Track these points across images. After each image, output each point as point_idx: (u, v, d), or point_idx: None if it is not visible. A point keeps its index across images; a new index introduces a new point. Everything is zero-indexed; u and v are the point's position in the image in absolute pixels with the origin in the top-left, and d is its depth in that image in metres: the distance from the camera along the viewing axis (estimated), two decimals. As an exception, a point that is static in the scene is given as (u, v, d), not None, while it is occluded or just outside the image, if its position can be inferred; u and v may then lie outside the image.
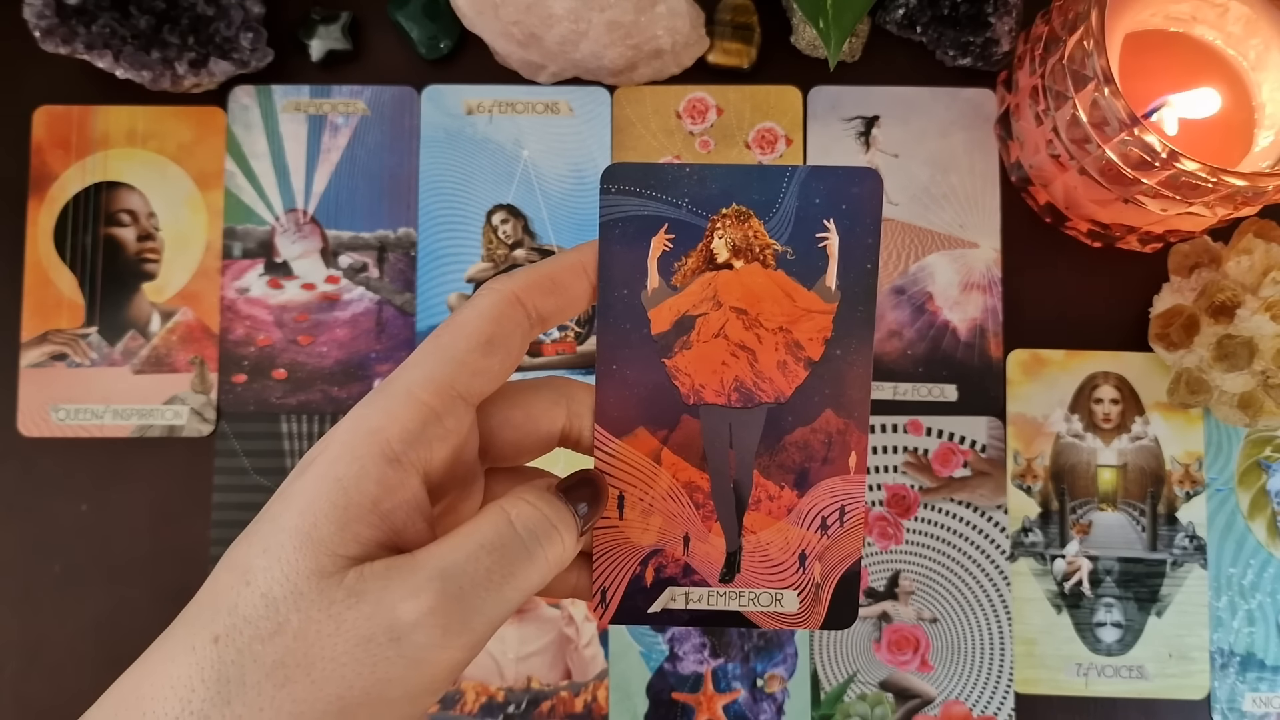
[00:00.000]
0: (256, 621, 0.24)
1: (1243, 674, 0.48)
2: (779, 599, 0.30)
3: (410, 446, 0.25)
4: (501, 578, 0.25)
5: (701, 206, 0.29)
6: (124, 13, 0.47)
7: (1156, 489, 0.49)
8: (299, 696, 0.23)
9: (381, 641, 0.24)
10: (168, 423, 0.49)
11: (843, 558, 0.30)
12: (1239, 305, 0.45)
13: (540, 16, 0.46)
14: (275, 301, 0.50)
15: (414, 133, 0.51)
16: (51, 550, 0.49)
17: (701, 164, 0.28)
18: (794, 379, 0.30)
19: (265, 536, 0.25)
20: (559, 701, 0.48)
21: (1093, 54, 0.39)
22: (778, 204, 0.29)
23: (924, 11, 0.49)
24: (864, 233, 0.29)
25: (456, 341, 0.27)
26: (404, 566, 0.25)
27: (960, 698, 0.48)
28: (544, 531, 0.26)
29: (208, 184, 0.51)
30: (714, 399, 0.30)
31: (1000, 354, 0.50)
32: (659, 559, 0.30)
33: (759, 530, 0.30)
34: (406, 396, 0.26)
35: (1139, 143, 0.39)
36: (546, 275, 0.28)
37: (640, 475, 0.30)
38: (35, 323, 0.50)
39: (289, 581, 0.24)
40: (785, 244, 0.29)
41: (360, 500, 0.25)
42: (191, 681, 0.23)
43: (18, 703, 0.48)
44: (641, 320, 0.29)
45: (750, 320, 0.29)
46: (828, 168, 0.29)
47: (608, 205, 0.29)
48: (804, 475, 0.30)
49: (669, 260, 0.29)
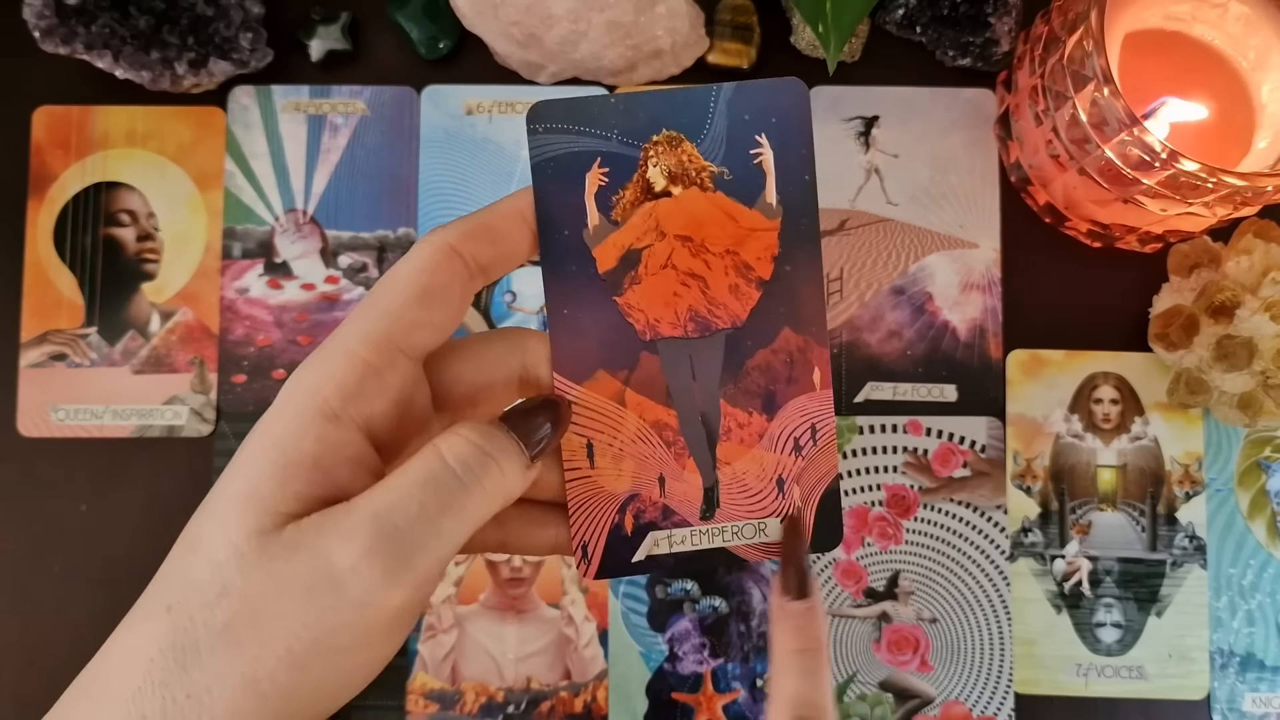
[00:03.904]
0: (203, 586, 0.24)
1: (1242, 674, 0.48)
2: (763, 528, 0.30)
3: (349, 402, 0.25)
4: (437, 511, 0.25)
5: (632, 136, 0.28)
6: (124, 13, 0.47)
7: (1156, 489, 0.49)
8: (251, 656, 0.24)
9: (322, 590, 0.24)
10: (167, 423, 0.49)
11: (820, 476, 0.30)
12: (1239, 305, 0.45)
13: (540, 17, 0.46)
14: (275, 302, 0.50)
15: (414, 133, 0.51)
16: (51, 550, 0.49)
17: (625, 93, 0.28)
18: (748, 301, 0.29)
19: (211, 504, 0.25)
20: (558, 702, 0.48)
21: (1092, 54, 0.39)
22: (707, 125, 0.28)
23: (924, 12, 0.49)
24: (797, 144, 0.28)
25: (392, 295, 0.26)
26: (338, 513, 0.24)
27: (960, 698, 0.48)
28: (478, 461, 0.25)
29: (207, 184, 0.51)
30: (670, 331, 0.29)
31: (1000, 354, 0.50)
32: (636, 505, 0.29)
33: (733, 461, 0.29)
34: (343, 353, 0.26)
35: (1138, 143, 0.39)
36: (482, 223, 0.27)
37: (606, 420, 0.29)
38: (35, 323, 0.50)
39: (230, 544, 0.24)
40: (720, 165, 0.28)
41: (298, 458, 0.25)
42: (150, 651, 0.24)
43: (18, 703, 0.48)
44: (587, 260, 0.28)
45: (696, 246, 0.29)
46: (752, 83, 0.28)
47: (537, 145, 0.28)
48: (770, 398, 0.29)
49: (606, 195, 0.28)
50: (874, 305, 0.50)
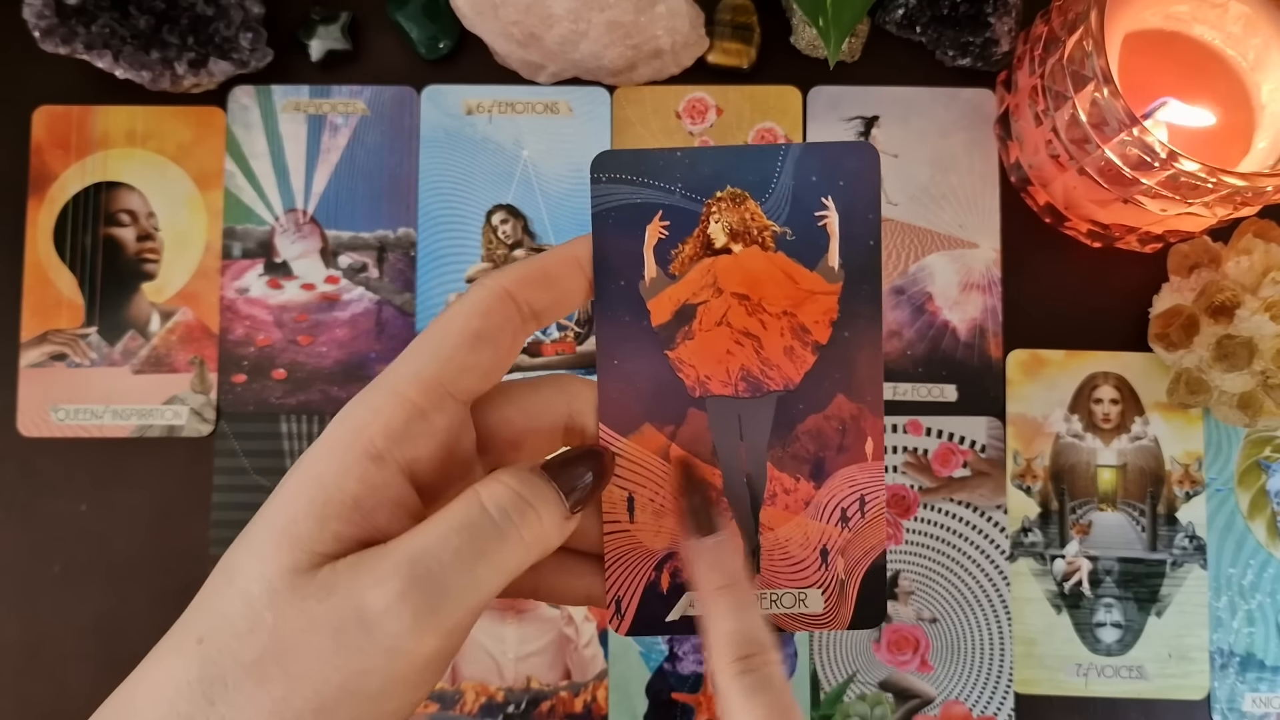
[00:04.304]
0: (235, 620, 0.24)
1: (1242, 674, 0.48)
2: (803, 599, 0.29)
3: (394, 443, 0.25)
4: (472, 558, 0.24)
5: (695, 191, 0.28)
6: (124, 13, 0.47)
7: (1156, 489, 0.49)
8: (277, 694, 0.23)
9: (353, 632, 0.23)
10: (167, 423, 0.49)
11: (866, 550, 0.29)
12: (1238, 305, 0.45)
13: (540, 16, 0.46)
14: (275, 301, 0.50)
15: (413, 133, 0.51)
16: (51, 550, 0.49)
17: (692, 147, 0.27)
18: (802, 364, 0.28)
19: (250, 536, 0.25)
20: (558, 702, 0.48)
21: (1092, 54, 0.39)
22: (773, 184, 0.28)
23: (923, 11, 0.49)
24: (864, 208, 0.28)
25: (445, 337, 0.26)
26: (373, 556, 0.24)
27: (960, 698, 0.48)
28: (517, 509, 0.25)
29: (207, 184, 0.51)
30: (720, 390, 0.28)
31: (1000, 354, 0.50)
32: (674, 563, 0.29)
33: (777, 527, 0.29)
34: (391, 393, 0.26)
35: (1138, 143, 0.39)
36: (539, 269, 0.27)
37: (649, 474, 0.29)
38: (35, 323, 0.50)
39: (265, 579, 0.24)
40: (783, 225, 0.28)
41: (340, 497, 0.25)
42: (178, 683, 0.24)
43: (18, 703, 0.48)
44: (641, 312, 0.28)
45: (753, 306, 0.28)
46: (822, 144, 0.28)
47: (599, 195, 0.28)
48: (820, 465, 0.29)
49: (665, 248, 0.28)
50: (874, 305, 0.50)
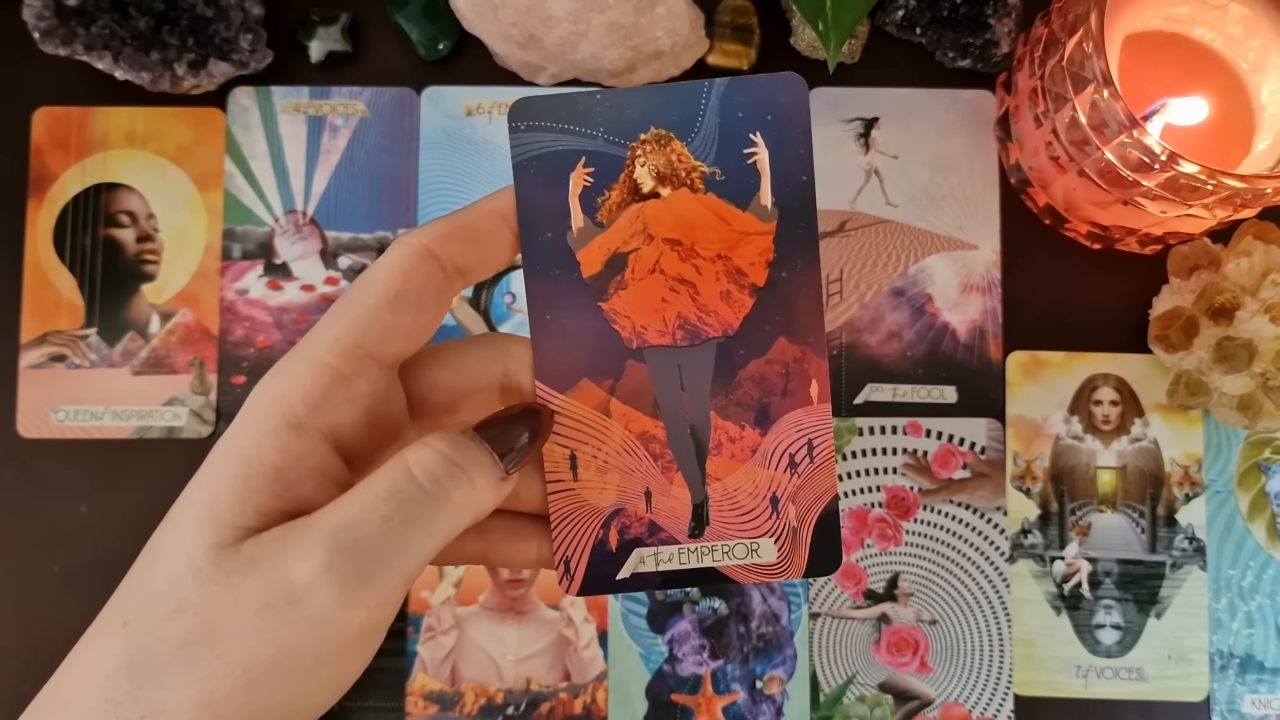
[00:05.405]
0: (160, 600, 0.23)
1: (1242, 676, 0.48)
2: (755, 549, 0.28)
3: (314, 411, 0.24)
4: (401, 526, 0.23)
5: (619, 135, 0.27)
6: (123, 14, 0.47)
7: (1156, 491, 0.49)
8: (206, 674, 0.23)
9: (280, 607, 0.23)
10: (167, 424, 0.49)
11: (818, 496, 0.28)
12: (1238, 307, 0.45)
13: (540, 18, 0.46)
14: (275, 303, 0.50)
15: (413, 134, 0.51)
16: (51, 551, 0.49)
17: (612, 89, 0.26)
18: (740, 308, 0.27)
19: (174, 515, 0.25)
20: (558, 703, 0.48)
21: (1092, 56, 0.39)
22: (698, 123, 0.27)
23: (923, 13, 0.49)
24: (795, 143, 0.27)
25: (364, 299, 0.25)
26: (298, 528, 0.23)
27: (960, 700, 0.48)
28: (446, 473, 0.24)
29: (207, 185, 0.51)
30: (658, 340, 0.27)
31: (1000, 356, 0.50)
32: (621, 519, 0.28)
33: (724, 476, 0.28)
34: (310, 360, 0.25)
35: (1138, 145, 0.39)
36: (460, 224, 0.26)
37: (590, 431, 0.28)
38: (35, 324, 0.50)
39: (188, 557, 0.23)
40: (712, 165, 0.27)
41: (261, 469, 0.24)
42: (105, 668, 0.23)
43: (18, 703, 0.48)
44: (571, 263, 0.27)
45: (686, 250, 0.27)
46: (747, 78, 0.26)
47: (519, 144, 0.26)
48: (764, 411, 0.28)
49: (591, 196, 0.27)
50: (874, 307, 0.50)
